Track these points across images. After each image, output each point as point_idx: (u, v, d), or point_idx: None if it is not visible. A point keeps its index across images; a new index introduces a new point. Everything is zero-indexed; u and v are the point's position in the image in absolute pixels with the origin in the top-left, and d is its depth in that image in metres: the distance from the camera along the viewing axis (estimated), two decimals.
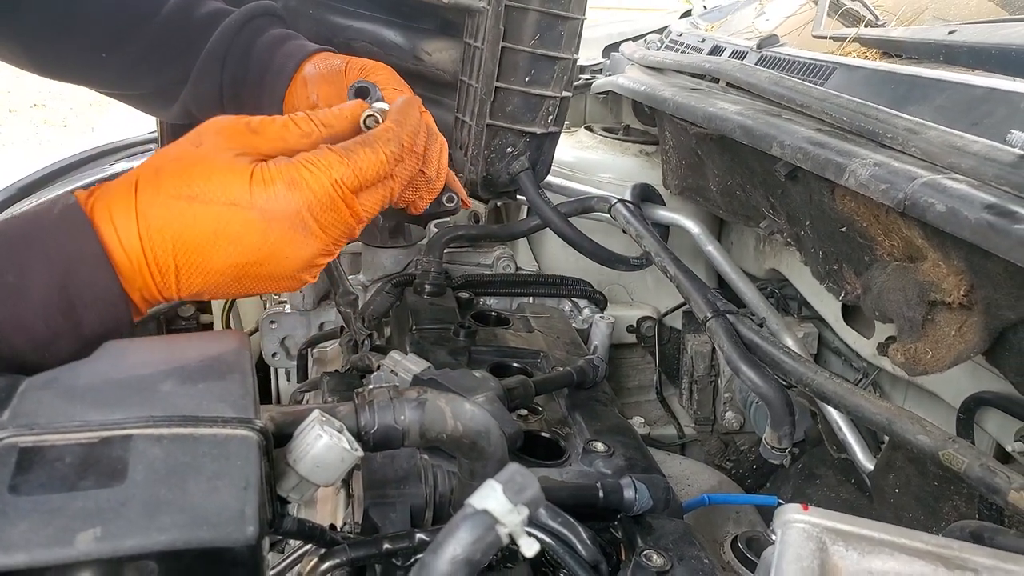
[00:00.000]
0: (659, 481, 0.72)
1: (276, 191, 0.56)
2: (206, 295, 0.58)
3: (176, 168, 0.56)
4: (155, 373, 0.44)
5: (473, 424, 0.54)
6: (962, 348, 0.70)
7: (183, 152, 0.57)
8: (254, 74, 0.87)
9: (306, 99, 0.84)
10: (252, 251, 0.56)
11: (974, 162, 0.66)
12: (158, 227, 0.54)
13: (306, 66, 0.86)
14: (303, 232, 0.57)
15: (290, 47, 0.87)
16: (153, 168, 0.56)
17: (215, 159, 0.56)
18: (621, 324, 1.46)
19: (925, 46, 0.91)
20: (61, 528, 0.34)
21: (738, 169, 1.10)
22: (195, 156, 0.57)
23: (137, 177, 0.56)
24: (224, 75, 0.86)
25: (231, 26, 0.86)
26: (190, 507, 0.36)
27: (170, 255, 0.54)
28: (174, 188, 0.55)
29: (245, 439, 0.42)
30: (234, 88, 0.87)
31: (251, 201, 0.55)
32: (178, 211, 0.55)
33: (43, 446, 0.37)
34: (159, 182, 0.55)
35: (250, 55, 0.87)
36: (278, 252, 0.57)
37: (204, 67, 0.86)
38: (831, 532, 0.42)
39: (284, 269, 0.58)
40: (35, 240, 0.51)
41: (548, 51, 1.00)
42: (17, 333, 0.49)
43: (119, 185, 0.56)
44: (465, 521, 0.32)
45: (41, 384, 0.41)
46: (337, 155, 0.58)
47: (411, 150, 0.64)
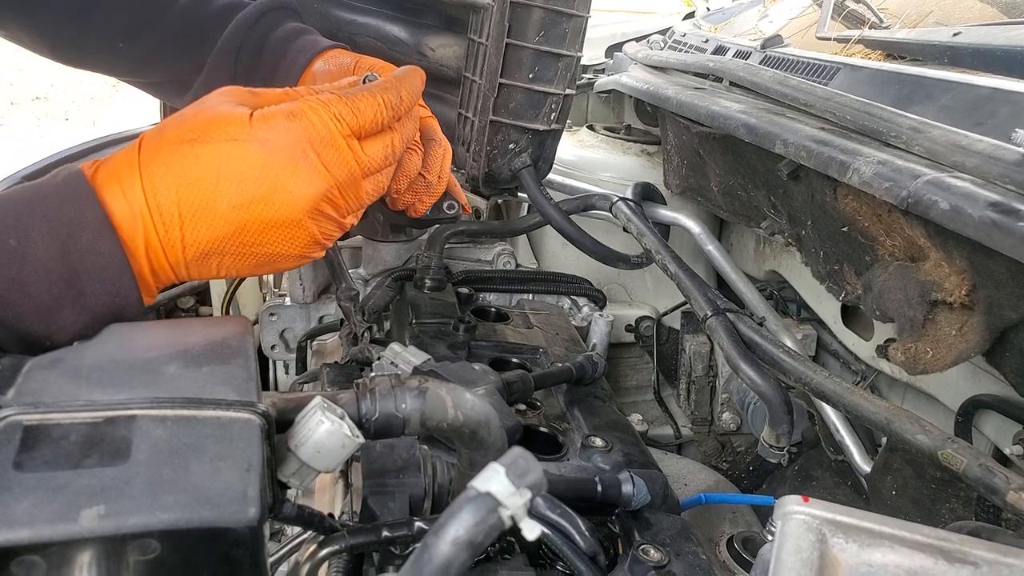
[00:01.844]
0: (657, 476, 0.72)
1: (276, 123, 0.55)
2: (213, 257, 0.56)
3: (178, 121, 0.56)
4: (160, 356, 0.44)
5: (474, 414, 0.54)
6: (963, 348, 0.70)
7: (185, 113, 0.57)
8: (266, 67, 0.88)
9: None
10: (255, 186, 0.55)
11: (978, 161, 0.66)
12: (161, 173, 0.53)
13: (316, 63, 0.87)
14: (305, 165, 0.56)
15: (303, 42, 0.88)
16: (156, 128, 0.57)
17: (216, 107, 0.57)
18: (620, 323, 1.46)
19: (930, 47, 0.91)
20: (65, 505, 0.34)
21: (740, 169, 1.10)
22: (197, 109, 0.57)
23: (141, 138, 0.56)
24: (237, 67, 0.88)
25: (246, 19, 0.88)
26: (193, 487, 0.37)
27: (173, 200, 0.53)
28: (176, 135, 0.55)
29: (248, 422, 0.42)
30: (247, 80, 0.88)
31: (251, 134, 0.55)
32: (180, 155, 0.54)
33: (48, 424, 0.37)
34: (161, 135, 0.55)
35: (263, 48, 0.88)
36: (280, 186, 0.55)
37: (218, 59, 0.87)
38: (831, 524, 0.42)
39: (289, 210, 0.56)
40: (37, 205, 0.51)
41: (552, 48, 1.00)
42: (21, 300, 0.48)
43: (123, 151, 0.55)
44: (468, 503, 0.32)
45: (46, 364, 0.41)
46: (336, 94, 0.59)
47: (409, 110, 0.64)
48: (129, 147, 0.55)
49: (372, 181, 0.62)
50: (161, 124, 0.57)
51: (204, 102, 0.58)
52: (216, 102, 0.58)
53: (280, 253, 0.58)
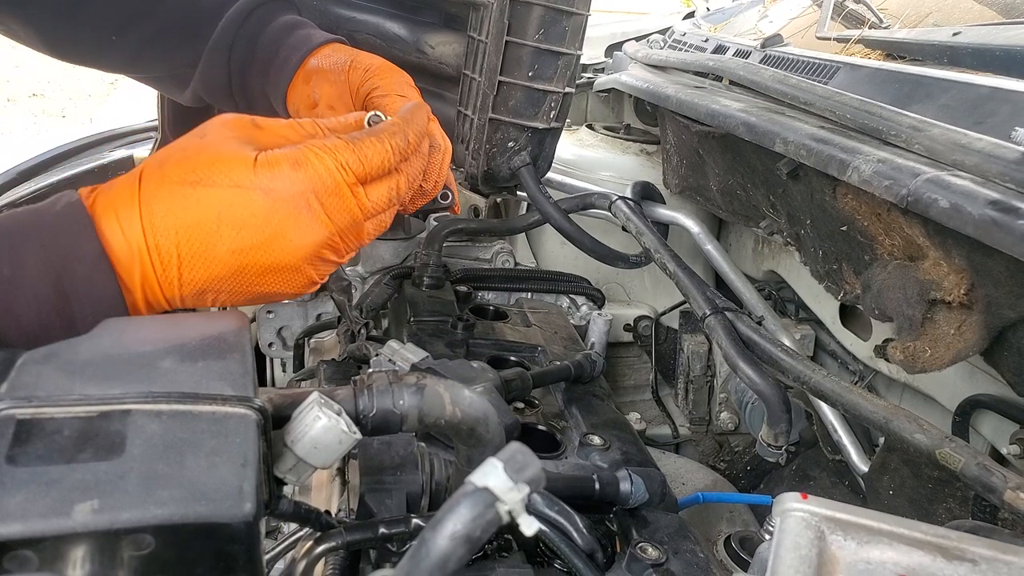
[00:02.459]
0: (655, 475, 0.72)
1: (281, 171, 0.55)
2: (209, 294, 0.56)
3: (180, 157, 0.55)
4: (155, 350, 0.44)
5: (472, 410, 0.54)
6: (961, 347, 0.70)
7: (187, 143, 0.56)
8: (259, 65, 0.87)
9: (308, 97, 0.84)
10: (256, 233, 0.54)
11: (978, 159, 0.66)
12: (161, 213, 0.53)
13: (311, 60, 0.85)
14: (308, 215, 0.55)
15: (295, 39, 0.86)
16: (157, 161, 0.55)
17: (220, 146, 0.56)
18: (618, 323, 1.46)
19: (930, 47, 0.91)
20: (58, 499, 0.33)
21: (739, 168, 1.10)
22: (199, 145, 0.56)
23: (141, 170, 0.55)
24: (231, 65, 0.86)
25: (236, 15, 0.86)
26: (188, 482, 0.36)
27: (173, 242, 0.53)
28: (178, 175, 0.54)
29: (244, 417, 0.41)
30: (242, 77, 0.87)
31: (255, 181, 0.54)
32: (181, 196, 0.53)
33: (41, 418, 0.37)
34: (163, 172, 0.54)
35: (256, 46, 0.86)
36: (282, 235, 0.55)
37: (211, 57, 0.86)
38: (829, 521, 0.42)
39: (289, 257, 0.56)
40: (33, 234, 0.50)
41: (552, 46, 1.00)
42: (9, 326, 0.48)
43: (123, 180, 0.55)
44: (466, 498, 0.32)
45: (40, 358, 0.41)
46: (343, 141, 0.58)
47: (417, 150, 0.63)
48: (129, 178, 0.55)
49: (374, 222, 0.62)
50: (163, 155, 0.56)
51: (207, 134, 0.57)
52: (220, 138, 0.56)
53: (276, 292, 0.59)
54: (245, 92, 0.88)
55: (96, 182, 1.33)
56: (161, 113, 1.14)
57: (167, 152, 0.56)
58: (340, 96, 0.82)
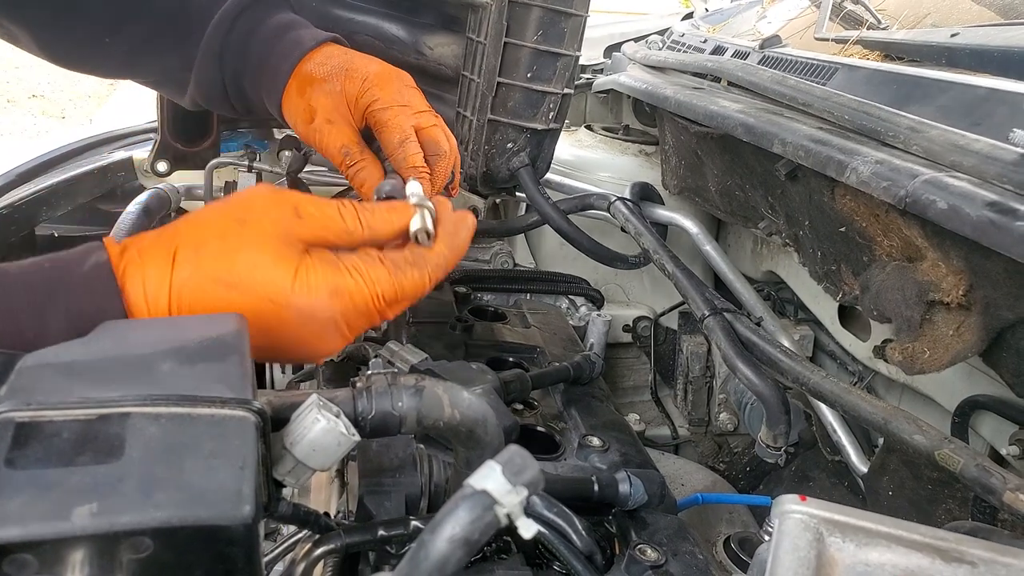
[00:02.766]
0: (654, 476, 0.72)
1: (318, 298, 0.55)
2: None
3: (219, 249, 0.55)
4: (154, 353, 0.44)
5: (470, 412, 0.54)
6: (960, 348, 0.70)
7: (227, 229, 0.56)
8: (252, 71, 0.84)
9: (304, 110, 0.80)
10: (279, 342, 0.56)
11: (976, 161, 0.66)
12: (189, 305, 0.53)
13: (304, 66, 0.81)
14: (335, 333, 0.57)
15: (286, 44, 0.83)
16: (194, 242, 0.55)
17: (260, 248, 0.55)
18: (617, 323, 1.46)
19: (928, 48, 0.91)
20: (57, 503, 0.33)
21: (738, 169, 1.10)
22: (239, 239, 0.55)
23: (176, 247, 0.54)
24: (224, 72, 0.84)
25: (224, 20, 0.83)
26: (187, 485, 0.36)
27: None
28: (214, 271, 0.54)
29: (243, 420, 0.41)
30: (236, 83, 0.85)
31: (290, 301, 0.55)
32: (214, 296, 0.54)
33: (40, 421, 0.37)
34: (199, 260, 0.54)
35: (247, 51, 0.84)
36: (304, 346, 0.57)
37: (203, 63, 0.84)
38: (828, 523, 0.42)
39: (305, 358, 0.61)
40: (59, 295, 0.50)
41: (550, 47, 1.00)
42: None
43: (155, 250, 0.54)
44: (464, 501, 0.32)
45: (39, 361, 0.41)
46: (386, 271, 0.58)
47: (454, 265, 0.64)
48: (163, 253, 0.54)
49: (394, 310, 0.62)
50: (200, 236, 0.55)
51: (248, 221, 0.56)
52: (260, 234, 0.56)
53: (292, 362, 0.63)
54: (241, 97, 0.86)
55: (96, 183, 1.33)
56: (160, 115, 1.14)
57: (204, 231, 0.56)
58: (337, 107, 0.79)
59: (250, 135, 1.26)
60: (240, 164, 1.22)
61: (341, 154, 0.80)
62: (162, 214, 1.16)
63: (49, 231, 1.30)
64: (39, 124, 5.85)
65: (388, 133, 0.79)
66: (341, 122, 0.80)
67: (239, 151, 1.24)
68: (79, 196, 1.25)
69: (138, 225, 1.03)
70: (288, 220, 0.57)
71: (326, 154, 0.82)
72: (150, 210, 1.10)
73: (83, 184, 1.26)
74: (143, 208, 1.08)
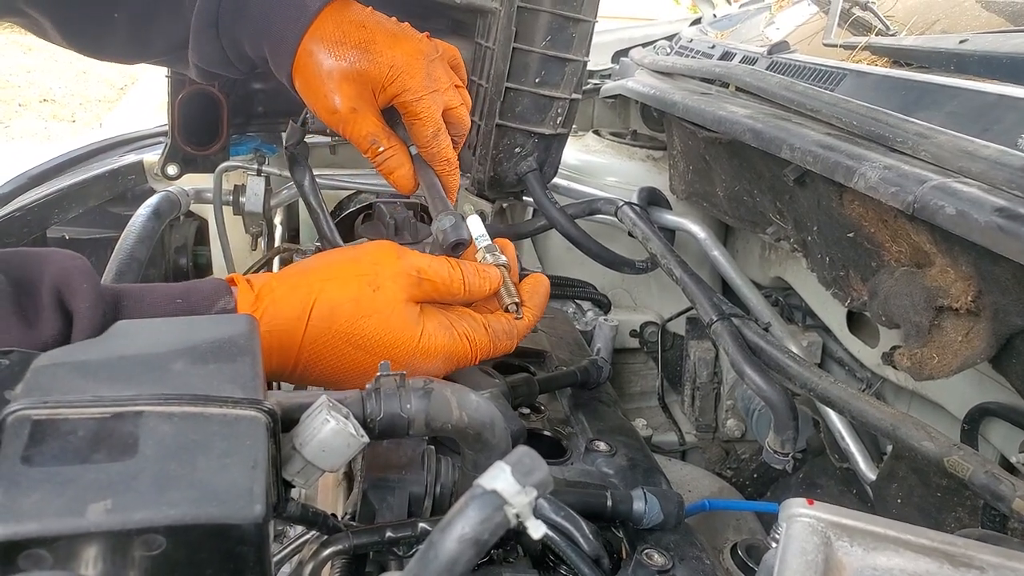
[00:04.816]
0: (672, 495, 0.69)
1: (434, 363, 0.64)
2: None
3: (353, 313, 0.61)
4: (167, 352, 0.44)
5: (478, 415, 0.54)
6: (968, 354, 0.70)
7: (361, 295, 0.62)
8: (252, 36, 0.80)
9: (324, 95, 0.77)
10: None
11: (984, 166, 0.66)
12: (315, 357, 0.60)
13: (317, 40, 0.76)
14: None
15: (287, 6, 0.77)
16: (329, 303, 0.61)
17: (390, 316, 0.62)
18: (624, 329, 1.46)
19: (936, 55, 0.91)
20: (72, 499, 0.34)
21: (746, 174, 1.10)
22: (372, 306, 0.62)
23: (313, 304, 0.60)
24: (222, 39, 0.81)
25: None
26: (199, 483, 0.37)
27: (316, 374, 0.61)
28: (346, 332, 0.61)
29: (254, 419, 0.42)
30: (236, 50, 0.81)
31: (409, 363, 0.63)
32: (342, 354, 0.61)
33: (56, 419, 0.37)
34: (333, 320, 0.61)
35: (244, 16, 0.79)
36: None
37: (198, 32, 0.80)
38: (836, 527, 0.42)
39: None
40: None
41: (559, 53, 1.00)
42: None
43: (289, 303, 0.60)
44: (474, 500, 0.32)
45: (55, 359, 0.42)
46: (488, 339, 0.68)
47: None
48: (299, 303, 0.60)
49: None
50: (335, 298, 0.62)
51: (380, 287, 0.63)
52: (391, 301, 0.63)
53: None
54: (244, 60, 0.83)
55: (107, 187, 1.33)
56: (171, 119, 1.15)
57: (339, 293, 0.62)
58: (361, 94, 0.78)
59: (259, 139, 1.27)
60: (249, 168, 1.22)
61: (368, 142, 0.80)
62: (171, 217, 1.17)
63: (60, 234, 1.32)
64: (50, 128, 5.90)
65: (421, 126, 0.81)
66: (366, 109, 0.79)
67: (248, 155, 1.24)
68: (90, 199, 1.26)
69: (148, 228, 1.04)
70: (412, 285, 0.65)
71: (352, 141, 0.81)
72: (160, 213, 1.11)
73: (94, 187, 1.27)
74: (153, 211, 1.09)
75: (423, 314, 0.65)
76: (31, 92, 6.43)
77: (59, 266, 0.54)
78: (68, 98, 6.45)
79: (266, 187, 1.23)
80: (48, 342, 0.51)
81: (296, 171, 1.01)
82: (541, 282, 0.75)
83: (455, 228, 0.76)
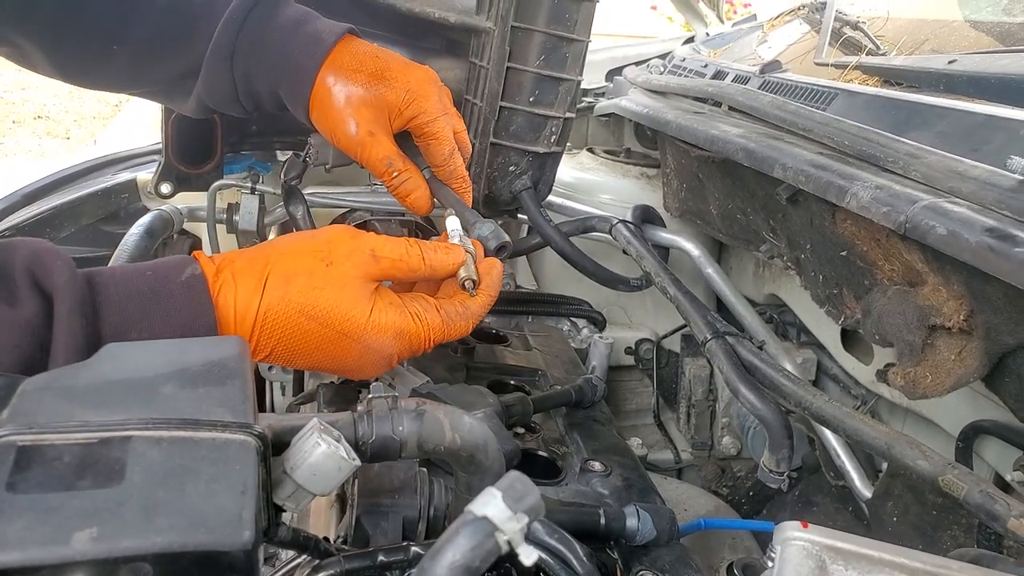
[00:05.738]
0: (664, 512, 0.70)
1: (385, 338, 0.65)
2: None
3: (306, 284, 0.63)
4: (156, 376, 0.44)
5: (471, 437, 0.54)
6: (962, 373, 0.70)
7: (314, 268, 0.64)
8: (267, 69, 0.82)
9: (342, 120, 0.79)
10: (338, 365, 0.66)
11: (975, 187, 0.66)
12: (270, 327, 0.62)
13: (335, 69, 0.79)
14: (385, 363, 0.67)
15: (305, 39, 0.80)
16: (284, 273, 0.64)
17: (342, 289, 0.64)
18: (619, 346, 1.46)
19: (926, 74, 0.92)
20: (57, 527, 0.33)
21: (739, 192, 1.10)
22: (325, 278, 0.64)
23: (268, 274, 0.63)
24: (235, 71, 0.82)
25: (233, 19, 0.80)
26: (187, 510, 0.36)
27: (270, 346, 0.63)
28: (299, 303, 0.63)
29: (244, 444, 0.41)
30: (247, 84, 0.83)
31: (361, 336, 0.64)
32: (296, 324, 0.63)
33: (42, 445, 0.37)
34: (287, 290, 0.63)
35: (260, 49, 0.81)
36: (357, 371, 0.68)
37: (212, 64, 0.82)
38: (831, 550, 0.42)
39: (352, 376, 0.71)
40: (163, 302, 0.59)
41: (553, 72, 1.01)
42: None
43: (248, 274, 0.63)
44: (464, 527, 0.32)
45: (41, 384, 0.41)
46: (441, 319, 0.69)
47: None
48: (254, 278, 0.63)
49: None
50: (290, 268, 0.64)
51: (333, 262, 0.65)
52: (344, 276, 0.65)
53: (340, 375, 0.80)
54: (251, 96, 0.85)
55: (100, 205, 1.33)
56: (165, 137, 1.15)
57: (294, 265, 0.64)
58: (377, 119, 0.80)
59: (253, 157, 1.27)
60: (243, 186, 1.22)
61: (384, 165, 0.82)
62: (165, 236, 1.16)
63: None
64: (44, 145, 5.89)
65: (438, 146, 0.83)
66: (381, 133, 0.81)
67: (242, 173, 1.24)
68: (83, 217, 1.26)
69: (141, 247, 1.03)
70: (367, 263, 0.66)
71: (368, 165, 0.83)
72: (153, 232, 1.10)
73: (87, 205, 1.27)
74: (146, 230, 1.09)
75: (376, 292, 0.67)
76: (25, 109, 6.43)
77: (29, 249, 0.56)
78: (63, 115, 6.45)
79: (260, 205, 1.23)
80: (32, 319, 0.53)
81: (291, 203, 1.01)
82: (495, 265, 0.77)
83: (495, 234, 0.80)
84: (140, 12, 0.83)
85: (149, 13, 0.83)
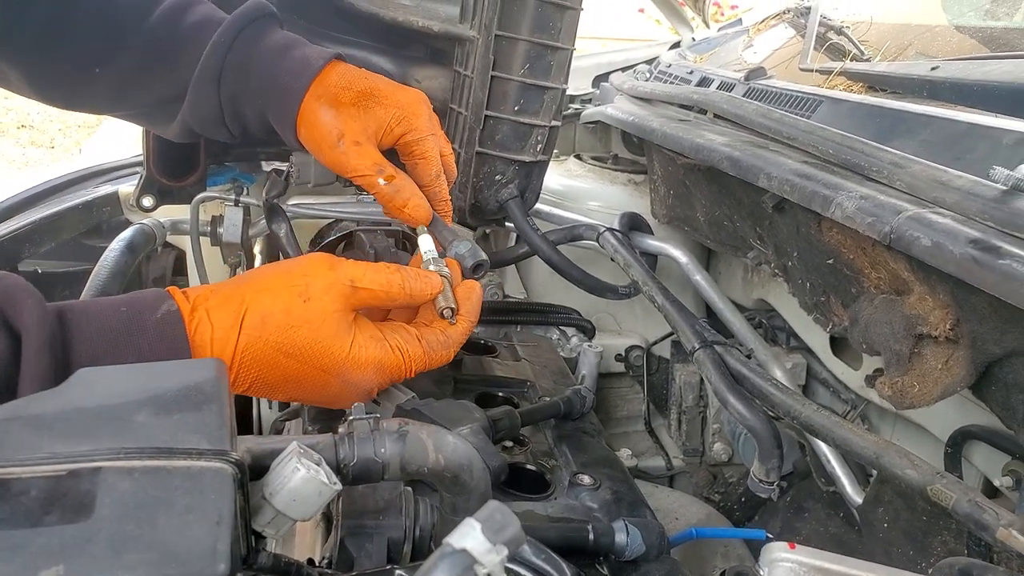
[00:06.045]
0: (653, 526, 0.69)
1: (364, 373, 0.65)
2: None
3: (283, 322, 0.62)
4: (129, 402, 0.43)
5: (455, 457, 0.53)
6: (949, 382, 0.70)
7: (291, 304, 0.63)
8: (254, 93, 0.82)
9: (327, 133, 0.79)
10: (317, 397, 0.66)
11: (958, 197, 0.66)
12: (248, 365, 0.62)
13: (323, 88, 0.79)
14: (366, 395, 0.67)
15: (293, 63, 0.80)
16: (260, 312, 0.62)
17: (320, 326, 0.63)
18: (609, 353, 1.46)
19: (909, 81, 0.92)
20: (22, 566, 0.32)
21: (726, 200, 1.10)
22: (302, 316, 0.63)
23: (244, 313, 0.62)
24: (222, 95, 0.82)
25: (222, 42, 0.81)
26: (159, 543, 0.35)
27: (248, 381, 0.62)
28: (277, 341, 0.62)
29: (219, 472, 0.40)
30: (234, 107, 0.83)
31: (340, 372, 0.63)
32: (273, 362, 0.62)
33: (7, 479, 0.36)
34: (264, 329, 0.62)
35: (247, 73, 0.81)
36: (337, 401, 0.67)
37: (199, 87, 0.82)
38: (818, 571, 0.41)
39: (332, 406, 0.71)
40: (135, 339, 0.58)
41: (537, 80, 1.01)
42: None
43: (223, 312, 0.62)
44: (442, 560, 0.31)
45: (8, 413, 0.40)
46: (422, 350, 0.68)
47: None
48: (231, 315, 0.62)
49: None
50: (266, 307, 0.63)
51: (311, 297, 0.64)
52: (321, 311, 0.64)
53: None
54: (238, 119, 0.85)
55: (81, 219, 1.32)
56: (146, 150, 1.14)
57: (270, 303, 0.63)
58: (364, 130, 0.79)
59: (237, 169, 1.25)
60: (227, 198, 1.21)
61: (375, 170, 0.79)
62: (147, 250, 1.15)
63: (33, 267, 1.29)
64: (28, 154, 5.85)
65: (426, 165, 0.82)
66: (368, 144, 0.80)
67: (226, 185, 1.23)
68: (64, 232, 1.24)
69: (122, 263, 1.02)
70: (345, 295, 0.65)
71: (354, 173, 0.80)
72: (134, 247, 1.09)
73: (68, 219, 1.25)
74: (127, 245, 1.08)
75: (355, 325, 0.66)
76: (9, 118, 6.38)
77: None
78: (47, 124, 6.40)
79: (245, 217, 1.21)
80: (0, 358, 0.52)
81: (274, 221, 1.00)
82: (474, 289, 0.76)
83: (472, 252, 0.79)
84: (127, 37, 0.82)
85: (136, 38, 0.82)
